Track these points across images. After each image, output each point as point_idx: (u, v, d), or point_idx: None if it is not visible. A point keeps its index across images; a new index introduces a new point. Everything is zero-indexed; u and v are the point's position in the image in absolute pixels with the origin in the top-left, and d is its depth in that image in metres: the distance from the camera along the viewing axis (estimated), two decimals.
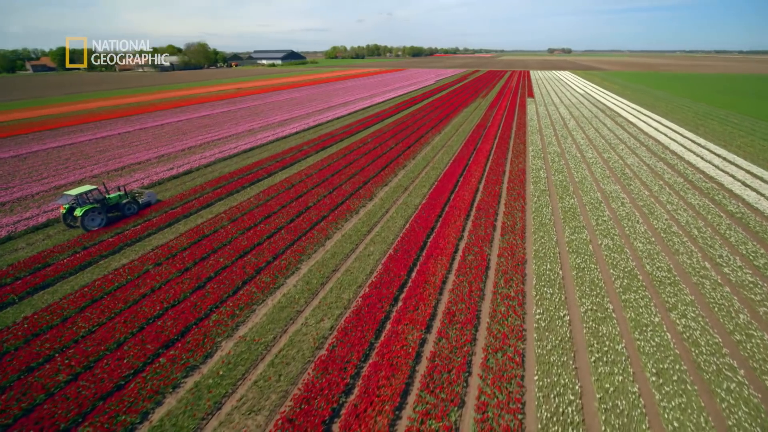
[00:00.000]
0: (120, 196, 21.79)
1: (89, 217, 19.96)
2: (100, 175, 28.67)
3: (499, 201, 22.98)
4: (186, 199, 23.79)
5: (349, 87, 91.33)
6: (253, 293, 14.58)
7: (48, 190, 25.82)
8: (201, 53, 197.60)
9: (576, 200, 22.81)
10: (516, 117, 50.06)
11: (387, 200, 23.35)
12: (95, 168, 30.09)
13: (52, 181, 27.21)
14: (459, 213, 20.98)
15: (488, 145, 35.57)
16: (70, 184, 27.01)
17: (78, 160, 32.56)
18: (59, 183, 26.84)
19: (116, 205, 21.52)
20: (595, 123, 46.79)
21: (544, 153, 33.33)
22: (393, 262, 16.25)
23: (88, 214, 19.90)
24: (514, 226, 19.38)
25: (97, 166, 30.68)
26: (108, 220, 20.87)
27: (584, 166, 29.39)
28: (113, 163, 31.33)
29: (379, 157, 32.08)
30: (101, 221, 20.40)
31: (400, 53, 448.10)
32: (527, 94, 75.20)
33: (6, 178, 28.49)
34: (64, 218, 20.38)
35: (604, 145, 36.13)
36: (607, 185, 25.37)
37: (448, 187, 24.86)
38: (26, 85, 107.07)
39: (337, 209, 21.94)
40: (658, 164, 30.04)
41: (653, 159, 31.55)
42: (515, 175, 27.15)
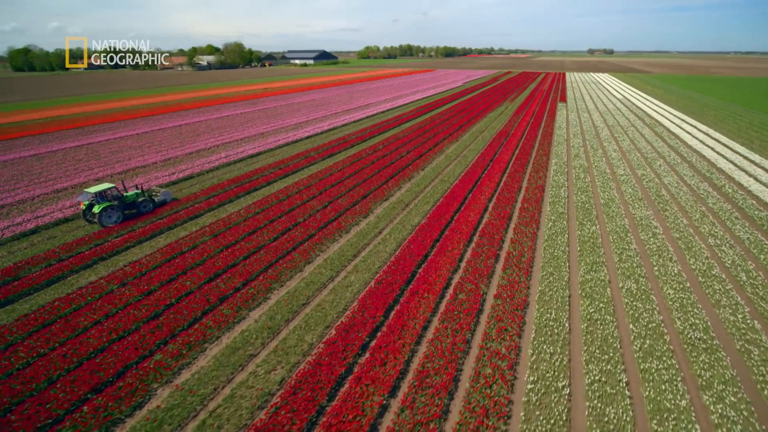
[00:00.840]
0: (137, 194, 22.31)
1: (106, 214, 20.66)
2: (103, 178, 28.38)
3: (508, 225, 20.34)
4: (175, 208, 22.76)
5: (374, 88, 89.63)
6: (208, 328, 12.98)
7: (48, 193, 25.66)
8: (236, 53, 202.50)
9: (598, 227, 19.78)
10: (543, 124, 46.40)
11: (383, 218, 21.27)
12: (101, 171, 29.91)
13: (55, 184, 27.11)
14: (460, 238, 18.59)
15: (507, 156, 32.62)
16: (72, 187, 26.81)
17: (89, 161, 32.66)
18: (61, 186, 26.65)
19: (133, 203, 22.04)
20: (632, 133, 42.42)
21: (568, 167, 30.04)
22: (372, 297, 14.20)
23: (106, 211, 20.60)
24: (519, 258, 16.78)
25: (104, 168, 30.52)
26: (124, 217, 21.47)
27: (613, 185, 25.98)
28: (119, 166, 31.11)
29: (387, 167, 30.02)
30: (118, 218, 21.07)
31: (433, 53, 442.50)
32: (559, 98, 70.51)
33: (18, 178, 28.77)
34: (83, 214, 21.16)
35: (639, 159, 32.23)
36: (637, 209, 22.04)
37: (454, 206, 22.45)
38: (72, 83, 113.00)
39: (327, 227, 20.11)
40: (702, 185, 26.11)
41: (696, 178, 27.55)
42: (532, 193, 24.28)
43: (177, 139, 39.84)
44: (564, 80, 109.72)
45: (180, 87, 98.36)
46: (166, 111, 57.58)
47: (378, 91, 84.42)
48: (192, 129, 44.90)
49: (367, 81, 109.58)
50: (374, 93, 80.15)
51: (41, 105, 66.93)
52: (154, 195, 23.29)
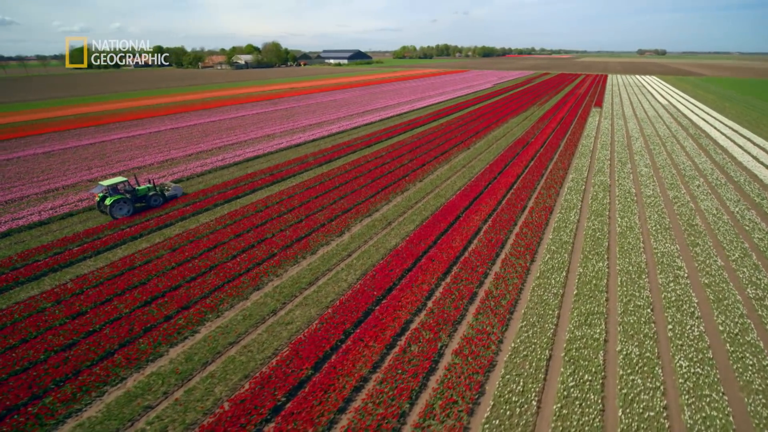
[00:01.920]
0: (148, 188, 22.93)
1: (117, 206, 21.32)
2: (96, 179, 28.08)
3: (497, 254, 17.45)
4: (150, 215, 21.66)
5: (399, 89, 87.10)
6: (114, 367, 11.34)
7: (39, 193, 25.51)
8: (273, 52, 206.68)
9: (606, 265, 16.44)
10: (569, 132, 42.11)
11: (358, 238, 19.00)
12: (98, 171, 29.74)
13: (49, 184, 27.03)
14: (435, 268, 16.00)
15: (519, 168, 29.26)
16: (64, 188, 26.60)
17: (93, 160, 32.75)
18: (53, 186, 26.50)
19: (144, 197, 22.67)
20: (670, 144, 37.35)
21: (586, 185, 26.32)
22: (308, 342, 12.00)
23: (117, 204, 21.27)
24: (499, 301, 13.97)
25: (101, 168, 30.35)
26: (135, 209, 22.10)
27: (635, 209, 22.17)
28: (119, 166, 30.87)
29: (383, 176, 27.68)
30: (128, 211, 21.73)
31: (470, 53, 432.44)
32: (594, 102, 64.79)
33: (20, 176, 29.10)
34: (98, 205, 22.02)
35: (674, 177, 27.79)
36: (660, 243, 18.35)
37: (441, 226, 19.78)
38: (116, 80, 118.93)
39: (293, 246, 18.13)
40: (748, 214, 21.71)
41: (742, 204, 23.07)
42: (536, 215, 21.08)
43: (183, 140, 39.50)
44: (604, 83, 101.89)
45: (208, 86, 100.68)
46: (186, 110, 58.23)
47: (402, 92, 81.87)
48: (202, 129, 44.63)
49: (394, 81, 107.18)
50: (398, 94, 77.68)
51: (76, 102, 70.17)
52: (165, 190, 23.80)
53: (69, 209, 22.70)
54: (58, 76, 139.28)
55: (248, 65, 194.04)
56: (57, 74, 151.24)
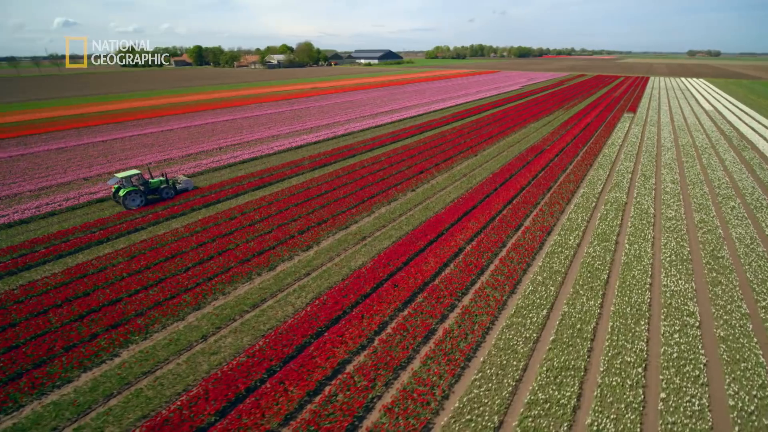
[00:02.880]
0: (161, 181, 23.79)
1: (130, 197, 22.32)
2: (91, 177, 28.15)
3: (471, 284, 15.25)
4: (122, 219, 21.02)
5: (421, 90, 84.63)
6: (14, 392, 10.33)
7: (33, 190, 25.76)
8: (305, 52, 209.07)
9: (599, 303, 13.85)
10: (591, 140, 38.41)
11: (324, 254, 17.35)
12: (94, 169, 29.90)
13: (42, 182, 27.30)
14: (395, 297, 14.08)
15: (525, 179, 26.52)
16: (56, 186, 26.77)
17: (97, 158, 33.14)
18: (47, 184, 26.72)
19: (156, 189, 23.57)
20: (707, 157, 32.98)
21: (598, 202, 23.29)
22: (215, 387, 10.44)
23: (129, 195, 22.27)
24: (455, 345, 11.86)
25: (97, 167, 30.48)
26: (147, 201, 23.09)
27: (650, 233, 19.08)
28: (119, 164, 30.95)
29: (374, 184, 25.92)
30: (141, 202, 22.70)
31: (506, 54, 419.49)
32: (628, 107, 59.63)
33: (23, 172, 29.75)
34: (113, 196, 22.96)
35: (705, 197, 24.11)
36: (672, 279, 15.42)
37: (419, 245, 17.75)
38: (155, 78, 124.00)
39: (252, 260, 16.76)
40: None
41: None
42: (529, 237, 18.58)
43: (189, 140, 39.42)
44: (644, 86, 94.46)
45: (233, 85, 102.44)
46: (203, 109, 58.93)
47: (424, 93, 79.40)
48: (210, 129, 44.56)
49: (418, 82, 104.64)
50: (419, 95, 75.34)
51: (100, 100, 73.11)
52: (177, 183, 24.70)
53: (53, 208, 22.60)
54: (97, 75, 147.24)
55: (280, 64, 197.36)
56: (91, 72, 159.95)
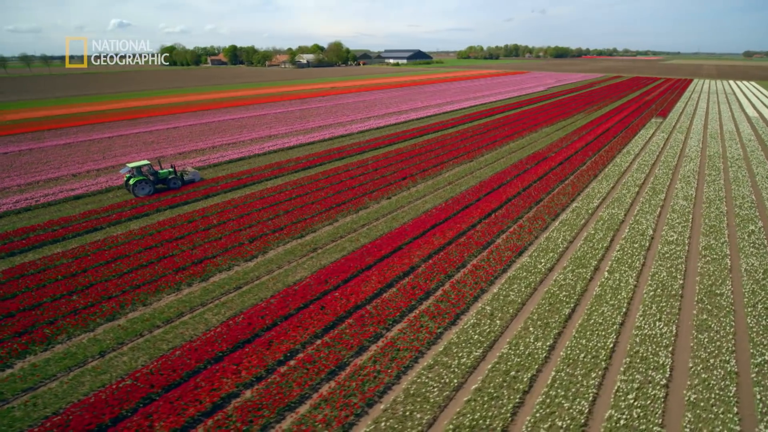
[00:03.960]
0: (169, 172, 24.94)
1: (139, 186, 23.62)
2: (79, 174, 28.51)
3: (406, 313, 13.43)
4: (67, 222, 20.10)
5: (440, 90, 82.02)
6: None
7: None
8: (334, 52, 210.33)
9: (548, 346, 11.63)
10: (606, 147, 34.94)
11: (260, 268, 16.02)
12: (84, 166, 30.34)
13: (37, 175, 27.89)
14: (316, 323, 12.57)
15: (515, 189, 24.10)
16: (44, 181, 27.24)
17: (93, 154, 33.77)
18: (36, 179, 27.26)
19: (165, 179, 24.74)
20: (736, 170, 28.88)
21: (590, 219, 20.60)
22: (69, 424, 9.37)
23: (139, 184, 23.58)
24: (357, 388, 10.17)
25: (88, 164, 30.91)
26: (155, 190, 24.29)
27: (639, 260, 16.33)
28: (113, 161, 31.35)
29: (350, 189, 24.47)
30: (150, 191, 23.93)
31: (542, 54, 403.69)
32: (658, 112, 54.53)
33: (26, 166, 30.67)
34: (125, 184, 24.22)
35: (719, 218, 20.70)
36: (648, 319, 12.86)
37: (369, 260, 16.10)
38: (186, 76, 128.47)
39: (188, 269, 15.74)
40: None
41: None
42: (493, 259, 16.44)
43: (187, 138, 39.56)
44: (684, 89, 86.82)
45: (253, 84, 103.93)
46: (215, 107, 59.70)
47: (442, 93, 76.84)
48: (212, 127, 44.57)
49: (440, 83, 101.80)
50: (436, 96, 72.94)
51: (121, 97, 75.94)
52: (185, 174, 25.75)
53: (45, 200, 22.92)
54: (123, 72, 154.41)
55: (309, 64, 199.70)
56: (117, 71, 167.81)
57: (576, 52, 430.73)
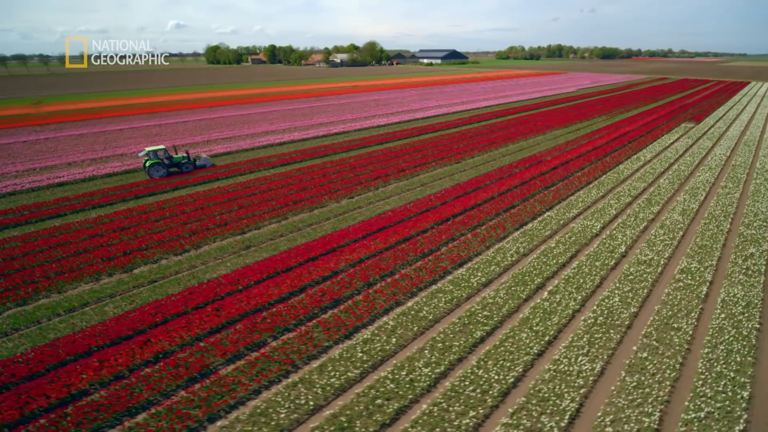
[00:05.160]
0: (183, 157, 26.89)
1: (154, 168, 25.70)
2: (74, 163, 29.81)
3: (257, 344, 12.35)
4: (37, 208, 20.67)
5: (462, 90, 79.33)
6: None
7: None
8: (368, 51, 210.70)
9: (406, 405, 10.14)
10: (614, 153, 31.70)
11: (146, 276, 15.18)
12: (83, 155, 31.74)
13: (38, 163, 29.50)
14: (186, 330, 11.85)
15: (486, 194, 22.21)
16: (40, 168, 28.71)
17: (96, 144, 35.37)
18: (35, 166, 28.81)
19: (178, 164, 26.73)
20: (759, 183, 24.91)
21: (556, 232, 18.40)
22: None
23: (154, 166, 25.69)
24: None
25: (87, 153, 32.31)
26: (169, 173, 26.38)
27: (593, 281, 14.15)
28: (108, 151, 32.62)
29: (312, 188, 23.52)
30: (164, 173, 26.04)
31: (587, 55, 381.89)
32: (693, 116, 49.12)
33: (34, 154, 32.64)
34: (143, 166, 26.28)
35: (714, 237, 17.66)
36: (572, 352, 10.94)
37: (279, 266, 15.18)
38: (217, 75, 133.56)
39: (107, 262, 15.59)
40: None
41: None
42: (416, 277, 14.95)
43: (186, 132, 40.57)
44: (734, 93, 78.04)
45: (278, 82, 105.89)
46: (227, 103, 61.21)
47: (460, 93, 74.23)
48: (209, 124, 45.23)
49: (464, 82, 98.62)
50: (453, 95, 70.55)
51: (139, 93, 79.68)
52: (197, 160, 27.68)
53: None
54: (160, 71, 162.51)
55: (343, 63, 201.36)
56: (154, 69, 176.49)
57: (625, 53, 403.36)
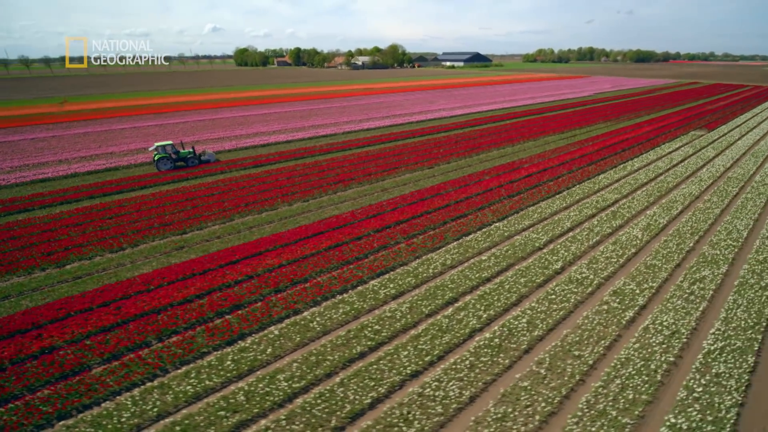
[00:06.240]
0: (189, 152, 28.56)
1: (162, 162, 27.62)
2: (66, 160, 31.29)
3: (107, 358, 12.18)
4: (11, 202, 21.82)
5: (467, 94, 77.65)
6: None
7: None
8: (390, 54, 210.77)
9: None
10: (602, 161, 29.90)
11: (91, 268, 15.65)
12: (76, 153, 33.27)
13: (33, 159, 31.20)
14: (70, 330, 11.94)
15: (440, 203, 21.44)
16: (33, 164, 30.30)
17: (94, 142, 37.03)
18: (29, 162, 30.47)
19: (184, 158, 28.41)
20: (753, 196, 22.60)
21: (495, 246, 17.39)
22: None
23: (161, 160, 27.59)
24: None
25: (81, 151, 33.82)
26: (175, 166, 28.09)
27: (501, 302, 13.20)
28: (101, 150, 34.10)
29: (265, 191, 23.28)
30: (171, 166, 27.85)
31: (620, 58, 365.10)
32: (708, 124, 45.69)
33: (34, 151, 34.59)
34: (153, 160, 28.32)
35: (672, 255, 16.10)
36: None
37: (185, 270, 15.16)
38: (238, 77, 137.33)
39: (11, 264, 15.86)
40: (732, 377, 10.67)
41: (744, 337, 11.62)
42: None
43: (181, 132, 41.82)
44: (765, 99, 72.04)
45: (295, 84, 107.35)
46: (237, 105, 62.66)
47: (466, 96, 72.73)
48: (208, 124, 46.60)
49: (473, 86, 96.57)
50: (459, 98, 69.20)
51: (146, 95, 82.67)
52: (202, 155, 29.39)
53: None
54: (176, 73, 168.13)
55: (364, 65, 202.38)
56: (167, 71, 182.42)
57: (662, 56, 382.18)
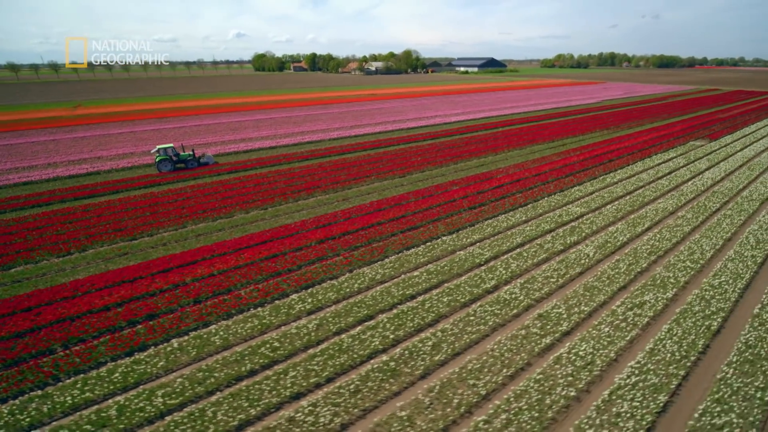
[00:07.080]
0: (188, 155, 29.69)
1: (162, 163, 28.67)
2: (54, 163, 32.35)
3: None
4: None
5: (467, 101, 76.63)
6: None
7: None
8: (403, 59, 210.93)
9: None
10: (582, 171, 28.73)
11: (29, 273, 15.78)
12: (67, 156, 34.42)
13: (26, 162, 32.46)
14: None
15: (395, 213, 20.98)
16: (23, 167, 31.50)
17: (82, 147, 38.25)
18: (21, 165, 31.72)
19: (184, 160, 29.46)
20: (735, 213, 21.07)
21: (434, 261, 16.80)
22: None
23: (162, 162, 28.66)
24: None
25: (72, 155, 34.96)
26: (176, 168, 29.11)
27: (407, 328, 12.64)
28: (92, 154, 35.17)
29: (229, 198, 23.53)
30: (171, 168, 28.84)
31: (642, 63, 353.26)
32: (712, 133, 43.40)
33: (29, 154, 36.01)
34: (155, 161, 29.15)
35: (614, 278, 15.15)
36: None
37: (116, 277, 15.22)
38: (253, 82, 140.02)
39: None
40: None
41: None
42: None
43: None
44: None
45: (316, 88, 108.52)
46: (236, 110, 63.79)
47: (464, 103, 71.80)
48: (207, 128, 47.56)
49: (476, 92, 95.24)
50: (457, 105, 68.42)
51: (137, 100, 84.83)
52: (201, 158, 30.36)
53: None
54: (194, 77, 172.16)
55: (377, 71, 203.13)
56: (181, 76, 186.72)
57: (687, 62, 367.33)
